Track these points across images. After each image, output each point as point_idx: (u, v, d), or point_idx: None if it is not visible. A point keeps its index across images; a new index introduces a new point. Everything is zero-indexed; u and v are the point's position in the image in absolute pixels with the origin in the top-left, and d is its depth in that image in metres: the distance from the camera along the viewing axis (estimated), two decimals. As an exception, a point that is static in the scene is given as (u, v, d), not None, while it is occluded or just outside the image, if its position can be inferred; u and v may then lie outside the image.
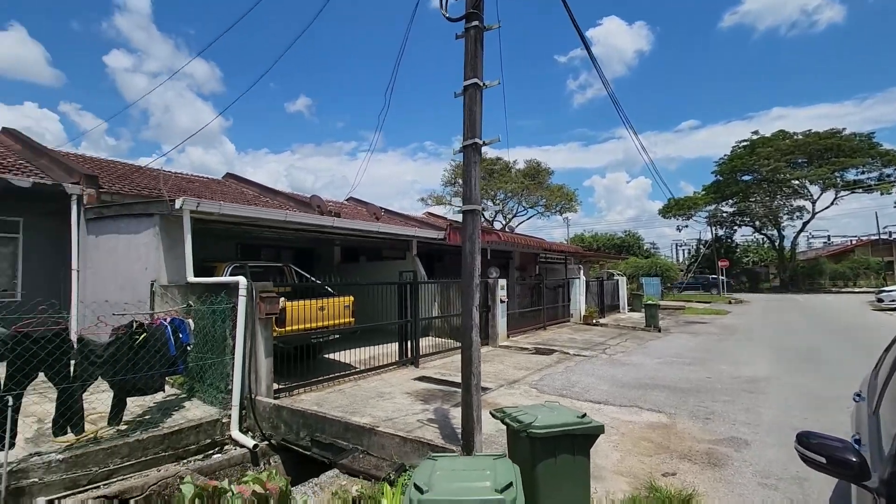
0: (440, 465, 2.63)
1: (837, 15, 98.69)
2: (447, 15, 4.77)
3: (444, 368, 8.67)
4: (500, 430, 4.97)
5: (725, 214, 48.53)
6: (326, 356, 8.81)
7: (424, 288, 9.80)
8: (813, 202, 43.11)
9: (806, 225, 45.52)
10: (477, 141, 4.64)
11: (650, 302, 17.02)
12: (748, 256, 54.61)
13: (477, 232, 4.65)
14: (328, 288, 8.35)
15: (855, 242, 54.87)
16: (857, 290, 41.48)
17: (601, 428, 3.36)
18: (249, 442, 5.70)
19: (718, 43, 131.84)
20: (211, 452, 5.61)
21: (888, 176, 39.86)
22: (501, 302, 11.85)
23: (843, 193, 41.93)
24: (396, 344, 8.93)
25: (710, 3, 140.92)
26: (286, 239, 11.99)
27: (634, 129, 7.92)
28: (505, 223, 46.52)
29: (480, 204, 4.71)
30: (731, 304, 29.40)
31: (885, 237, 49.26)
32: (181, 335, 5.87)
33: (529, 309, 14.40)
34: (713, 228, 48.36)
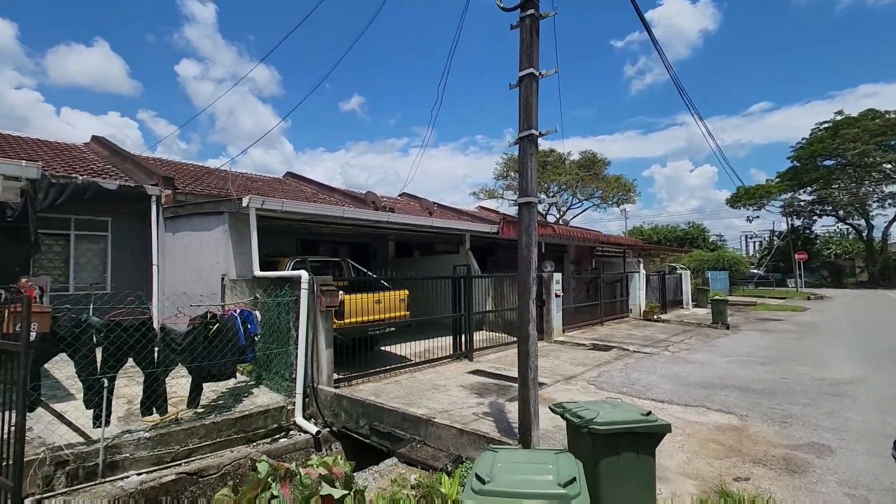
0: (501, 456, 2.62)
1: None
2: (501, 4, 4.70)
3: (497, 363, 8.64)
4: (556, 425, 4.89)
5: (803, 203, 44.75)
6: (382, 348, 9.03)
7: (478, 282, 9.79)
8: (907, 188, 38.83)
9: (900, 213, 41.07)
10: (533, 132, 4.56)
11: (717, 297, 16.05)
12: (829, 248, 49.99)
13: (534, 224, 4.58)
14: (384, 282, 8.54)
15: (959, 232, 48.82)
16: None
17: (668, 427, 3.22)
18: (312, 428, 5.97)
19: (795, 15, 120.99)
20: (277, 437, 5.93)
21: None
22: (556, 296, 11.62)
23: (943, 178, 37.49)
24: (450, 337, 8.99)
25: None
26: (342, 234, 12.40)
27: (699, 114, 7.46)
28: (559, 216, 45.50)
29: (537, 196, 4.63)
30: (809, 300, 27.13)
31: None
32: (249, 326, 6.22)
33: (585, 304, 14.02)
34: (789, 219, 44.77)
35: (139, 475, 4.63)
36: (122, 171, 11.10)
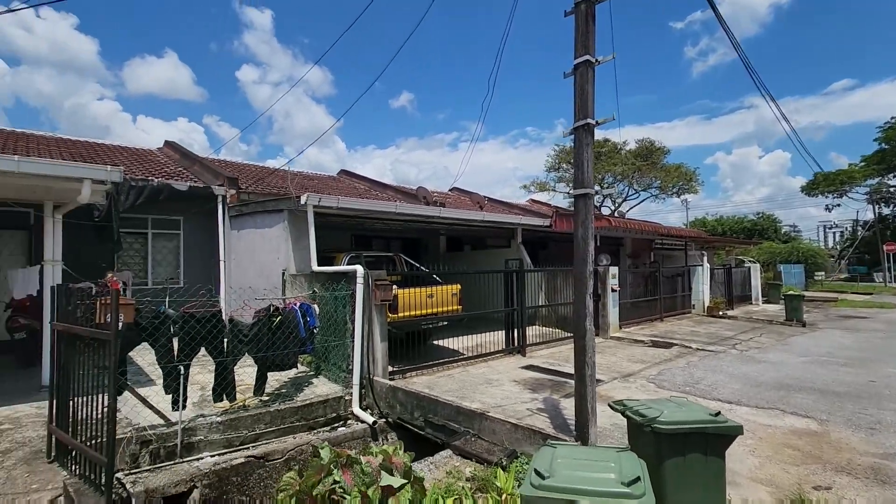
0: (560, 452, 2.57)
1: None
2: (554, -10, 4.58)
3: (551, 358, 8.49)
4: (614, 424, 4.74)
5: (893, 189, 40.51)
6: (435, 342, 9.12)
7: (530, 276, 9.64)
8: None
9: None
10: (589, 121, 4.42)
11: (791, 292, 14.90)
12: (924, 239, 45.09)
13: (590, 217, 4.45)
14: (436, 276, 8.62)
15: None
16: None
17: (739, 429, 3.03)
18: (369, 418, 6.14)
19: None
20: (336, 425, 6.15)
21: None
22: (612, 291, 11.24)
23: None
24: (503, 332, 8.93)
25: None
26: (395, 229, 12.61)
27: (771, 94, 6.90)
28: (614, 208, 43.88)
29: (593, 188, 4.48)
30: (899, 295, 24.62)
31: None
32: (309, 319, 6.48)
33: (643, 299, 13.46)
34: (876, 206, 40.68)
35: (212, 457, 4.96)
36: (191, 172, 11.88)
